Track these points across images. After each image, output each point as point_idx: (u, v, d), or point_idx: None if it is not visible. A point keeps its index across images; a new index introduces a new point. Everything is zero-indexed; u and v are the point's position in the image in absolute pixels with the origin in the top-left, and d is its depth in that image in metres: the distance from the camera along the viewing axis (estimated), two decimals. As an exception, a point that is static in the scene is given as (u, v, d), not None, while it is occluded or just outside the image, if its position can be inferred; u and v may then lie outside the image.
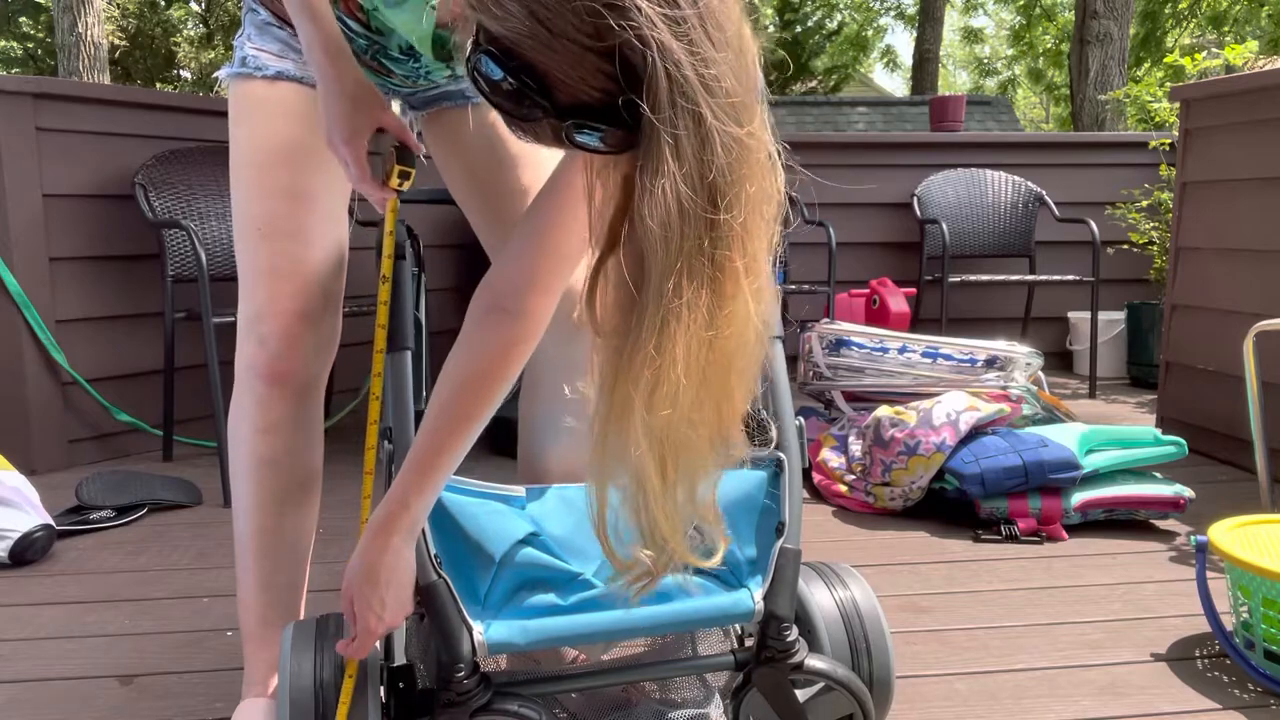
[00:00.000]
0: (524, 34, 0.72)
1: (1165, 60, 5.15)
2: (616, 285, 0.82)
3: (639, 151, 0.74)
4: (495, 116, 1.38)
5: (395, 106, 1.44)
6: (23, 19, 16.75)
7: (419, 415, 1.06)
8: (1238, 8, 13.81)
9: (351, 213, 1.40)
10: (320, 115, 1.13)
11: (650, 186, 0.73)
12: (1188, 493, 2.24)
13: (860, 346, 2.80)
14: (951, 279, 3.84)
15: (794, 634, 1.11)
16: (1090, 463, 2.23)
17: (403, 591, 1.03)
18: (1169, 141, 4.03)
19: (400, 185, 1.15)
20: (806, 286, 3.80)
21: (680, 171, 0.72)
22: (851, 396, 2.84)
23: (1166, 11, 14.23)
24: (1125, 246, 4.17)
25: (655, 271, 0.75)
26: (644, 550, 0.87)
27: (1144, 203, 4.09)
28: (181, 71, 17.33)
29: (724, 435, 0.86)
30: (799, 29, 17.38)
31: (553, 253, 1.03)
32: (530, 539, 1.12)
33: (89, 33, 9.10)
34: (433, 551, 1.05)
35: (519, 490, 1.25)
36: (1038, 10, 16.23)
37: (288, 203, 1.27)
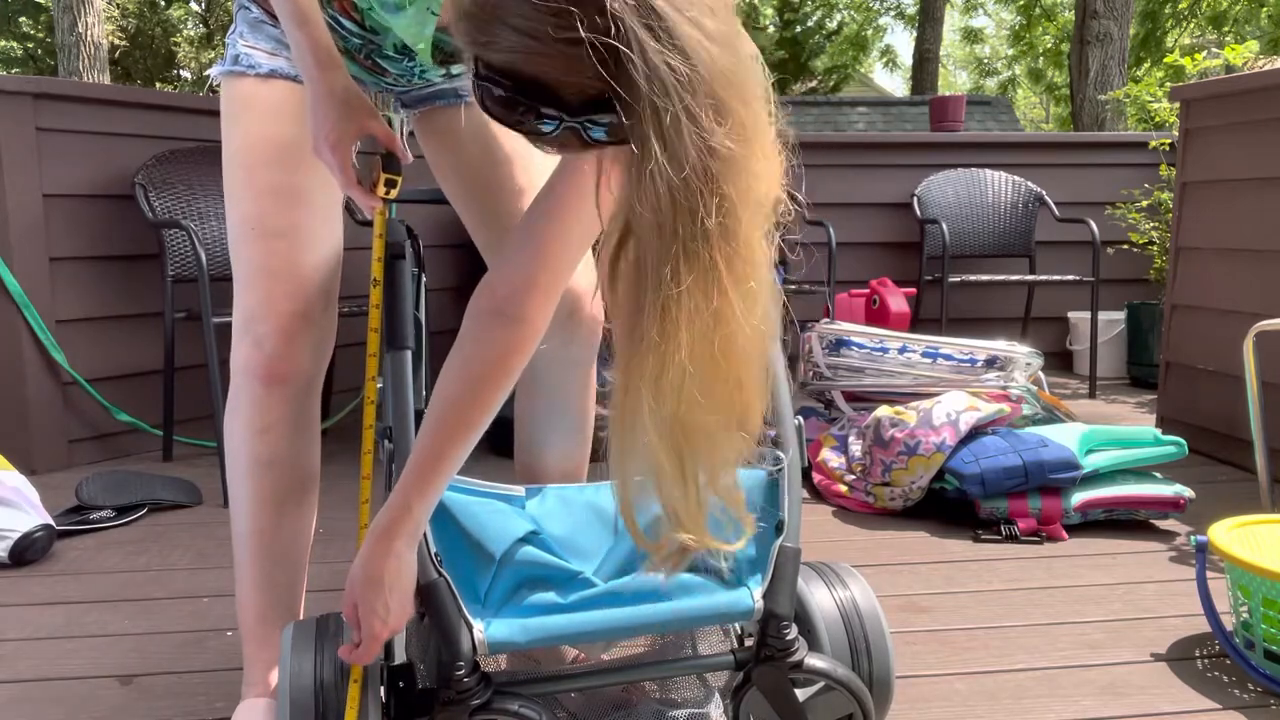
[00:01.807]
0: (517, 50, 0.75)
1: (1165, 60, 5.15)
2: (628, 271, 0.84)
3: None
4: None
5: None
6: (23, 19, 16.75)
7: (419, 415, 1.06)
8: (1238, 8, 13.81)
9: (351, 211, 1.40)
10: (308, 121, 1.14)
11: (639, 175, 0.75)
12: (1188, 493, 2.24)
13: (860, 346, 2.80)
14: (951, 279, 3.84)
15: (793, 633, 1.11)
16: (1090, 463, 2.23)
17: (405, 595, 1.03)
18: (1169, 141, 4.03)
19: (387, 194, 1.16)
20: (806, 286, 3.80)
21: (665, 158, 0.74)
22: (851, 396, 2.84)
23: (1166, 11, 14.22)
24: (1125, 246, 4.17)
25: (652, 258, 0.77)
26: (670, 535, 0.89)
27: (1144, 203, 4.09)
28: (181, 71, 17.33)
29: (740, 425, 0.87)
30: (799, 29, 17.37)
31: (552, 257, 1.03)
32: (530, 537, 1.12)
33: (89, 33, 9.10)
34: (433, 550, 1.05)
35: (519, 490, 1.25)
36: (1038, 10, 16.22)
37: (281, 201, 1.26)
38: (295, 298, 1.27)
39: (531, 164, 1.36)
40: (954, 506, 2.34)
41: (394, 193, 1.17)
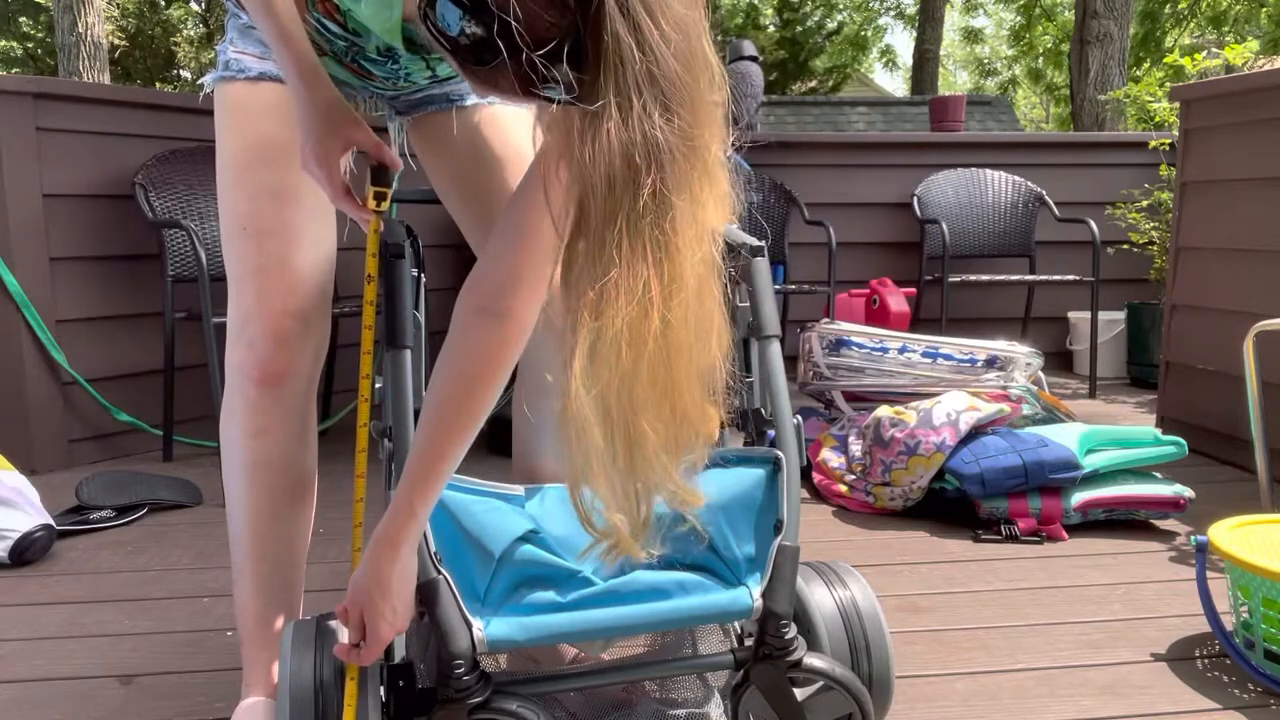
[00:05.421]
0: None
1: (1165, 60, 5.15)
2: (575, 248, 0.85)
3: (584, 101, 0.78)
4: (479, 118, 1.39)
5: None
6: (23, 19, 16.75)
7: (418, 414, 1.06)
8: (1238, 8, 13.81)
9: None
10: (296, 136, 1.14)
11: (592, 128, 0.77)
12: (1188, 493, 2.24)
13: (860, 346, 2.80)
14: (951, 279, 3.84)
15: (792, 631, 1.11)
16: (1090, 463, 2.23)
17: (409, 596, 1.04)
18: (1169, 141, 4.03)
19: (379, 206, 1.16)
20: (806, 286, 3.80)
21: (619, 117, 0.76)
22: (851, 396, 2.84)
23: (1166, 11, 14.23)
24: (1125, 246, 4.17)
25: (596, 223, 0.79)
26: (613, 518, 0.89)
27: (1144, 203, 4.09)
28: (181, 71, 17.34)
29: (678, 429, 0.88)
30: (799, 29, 17.38)
31: (531, 250, 1.03)
32: (530, 536, 1.12)
33: (89, 32, 9.09)
34: (433, 549, 1.05)
35: (518, 489, 1.25)
36: (1038, 10, 16.23)
37: (273, 201, 1.26)
38: (288, 297, 1.26)
39: (521, 166, 1.36)
40: (954, 506, 2.34)
41: (385, 205, 1.17)
